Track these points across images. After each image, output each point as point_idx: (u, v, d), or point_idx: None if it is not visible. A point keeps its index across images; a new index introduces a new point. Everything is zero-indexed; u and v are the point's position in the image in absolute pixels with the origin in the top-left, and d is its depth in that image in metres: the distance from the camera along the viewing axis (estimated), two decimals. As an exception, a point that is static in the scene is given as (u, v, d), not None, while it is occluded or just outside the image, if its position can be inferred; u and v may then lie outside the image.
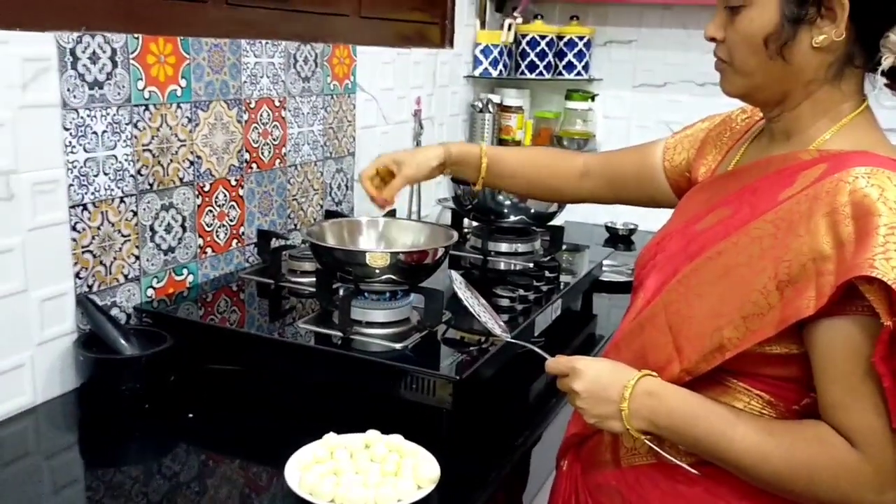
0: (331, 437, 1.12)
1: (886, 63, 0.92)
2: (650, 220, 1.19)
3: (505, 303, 1.53)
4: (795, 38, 0.93)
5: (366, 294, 1.35)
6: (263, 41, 1.67)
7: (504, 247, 1.83)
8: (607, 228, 2.58)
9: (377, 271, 1.31)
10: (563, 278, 1.74)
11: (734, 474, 0.95)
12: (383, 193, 1.36)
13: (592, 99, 2.69)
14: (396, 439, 1.13)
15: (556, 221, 1.93)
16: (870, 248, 0.83)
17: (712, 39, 1.01)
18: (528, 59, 2.63)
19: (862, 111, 0.98)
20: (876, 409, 0.86)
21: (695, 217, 1.08)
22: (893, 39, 0.91)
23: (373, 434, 1.14)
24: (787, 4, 0.93)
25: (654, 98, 2.69)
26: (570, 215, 2.67)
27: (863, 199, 0.85)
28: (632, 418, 0.98)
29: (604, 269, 2.01)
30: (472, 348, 1.33)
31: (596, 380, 1.00)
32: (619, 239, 2.56)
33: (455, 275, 1.29)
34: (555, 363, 1.06)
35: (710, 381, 0.98)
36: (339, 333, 1.30)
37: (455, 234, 1.45)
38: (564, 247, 1.93)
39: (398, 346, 1.27)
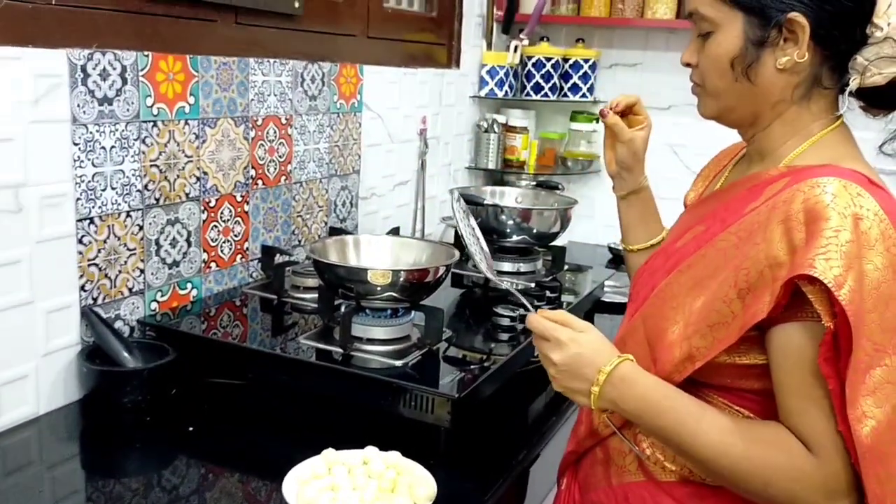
0: (329, 453, 1.13)
1: (854, 84, 0.96)
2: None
3: (506, 322, 1.54)
4: (759, 60, 0.97)
5: (367, 311, 1.36)
6: (271, 60, 1.69)
7: (507, 266, 1.84)
8: (610, 249, 2.59)
9: (378, 288, 1.32)
10: (565, 298, 1.75)
11: (720, 489, 0.97)
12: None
13: (597, 120, 2.71)
14: (394, 456, 1.14)
15: (559, 242, 1.95)
16: (813, 249, 0.85)
17: (687, 65, 1.06)
18: (534, 81, 2.66)
19: (834, 129, 1.00)
20: (826, 415, 0.88)
21: (676, 236, 1.12)
22: (860, 61, 0.94)
23: (371, 450, 1.14)
24: (750, 28, 0.97)
25: (658, 121, 2.65)
26: (574, 236, 2.68)
27: (815, 206, 0.87)
28: (599, 399, 0.99)
29: (606, 289, 2.02)
30: (471, 367, 1.34)
31: (576, 356, 1.00)
32: (621, 260, 2.56)
33: (458, 199, 1.29)
34: (538, 323, 1.04)
35: (693, 396, 0.99)
36: (340, 350, 1.31)
37: (456, 253, 1.46)
38: (567, 267, 1.95)
39: (398, 363, 1.28)
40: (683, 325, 0.98)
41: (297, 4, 1.73)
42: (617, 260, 2.56)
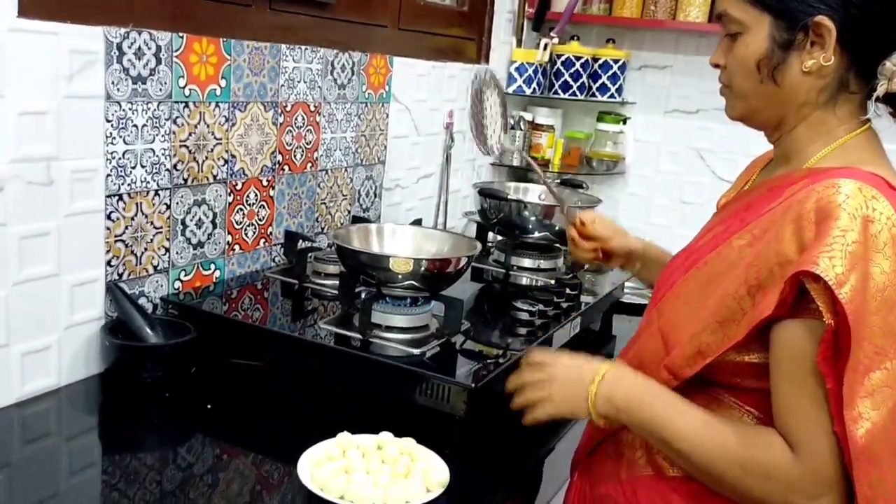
0: (344, 437, 1.14)
1: (881, 90, 0.95)
2: (678, 245, 1.21)
3: (524, 316, 1.54)
4: (786, 62, 0.98)
5: (387, 299, 1.36)
6: (303, 47, 1.70)
7: (527, 262, 1.84)
8: (632, 251, 2.58)
9: (400, 276, 1.33)
10: (584, 297, 1.75)
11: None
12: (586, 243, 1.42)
13: (624, 122, 2.70)
14: (408, 442, 1.14)
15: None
16: (818, 246, 0.86)
17: (716, 66, 1.07)
18: (562, 79, 2.65)
19: (860, 133, 1.00)
20: (815, 413, 0.88)
21: (699, 237, 1.14)
22: (889, 67, 0.94)
23: (386, 436, 1.15)
24: (777, 30, 0.97)
25: (686, 124, 2.70)
26: (596, 236, 2.68)
27: (826, 205, 0.88)
28: (597, 399, 1.03)
29: (626, 290, 2.01)
30: (488, 358, 1.34)
31: (565, 366, 1.07)
32: (642, 262, 2.56)
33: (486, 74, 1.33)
34: (516, 377, 1.13)
35: (703, 395, 1.01)
36: (359, 336, 1.32)
37: (478, 245, 1.47)
38: (587, 266, 1.94)
39: (416, 351, 1.28)
40: (695, 320, 0.99)
41: (330, -7, 1.74)
42: (638, 262, 2.55)
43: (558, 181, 2.48)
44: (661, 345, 1.05)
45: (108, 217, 1.34)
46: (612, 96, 2.69)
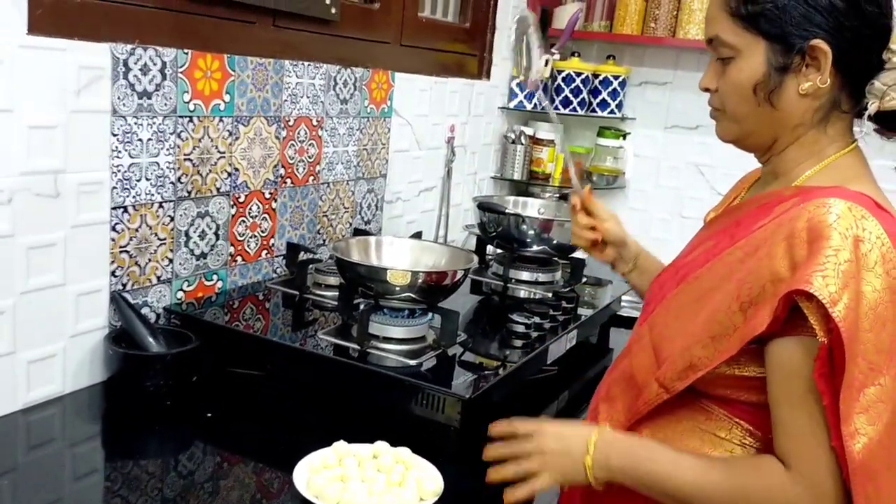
0: (340, 445, 1.16)
1: (872, 108, 0.98)
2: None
3: (520, 329, 1.56)
4: (782, 85, 0.99)
5: (385, 310, 1.39)
6: (306, 63, 1.74)
7: (525, 275, 1.86)
8: (631, 265, 2.60)
9: (397, 288, 1.35)
10: (582, 310, 1.77)
11: None
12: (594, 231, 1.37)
13: (624, 137, 2.73)
14: (404, 452, 1.16)
15: (579, 254, 1.97)
16: (811, 266, 0.88)
17: (706, 90, 1.07)
18: (563, 95, 2.69)
19: (848, 152, 1.02)
20: (812, 429, 0.89)
21: (687, 252, 1.16)
22: (878, 86, 0.97)
23: (381, 445, 1.18)
24: (773, 54, 0.98)
25: (685, 140, 2.72)
26: (596, 250, 2.70)
27: (817, 225, 0.90)
28: (594, 468, 1.01)
29: (623, 304, 2.03)
30: (484, 370, 1.36)
31: (559, 434, 1.05)
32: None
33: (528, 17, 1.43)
34: (506, 425, 1.09)
35: (694, 407, 1.03)
36: (357, 346, 1.34)
37: (475, 258, 1.49)
38: (586, 279, 1.97)
39: (412, 362, 1.31)
40: (685, 335, 1.01)
41: (333, 10, 1.77)
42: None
43: (558, 195, 2.51)
44: (652, 358, 1.06)
45: (113, 228, 1.37)
46: (612, 112, 2.72)
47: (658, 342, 1.06)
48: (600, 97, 2.71)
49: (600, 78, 2.70)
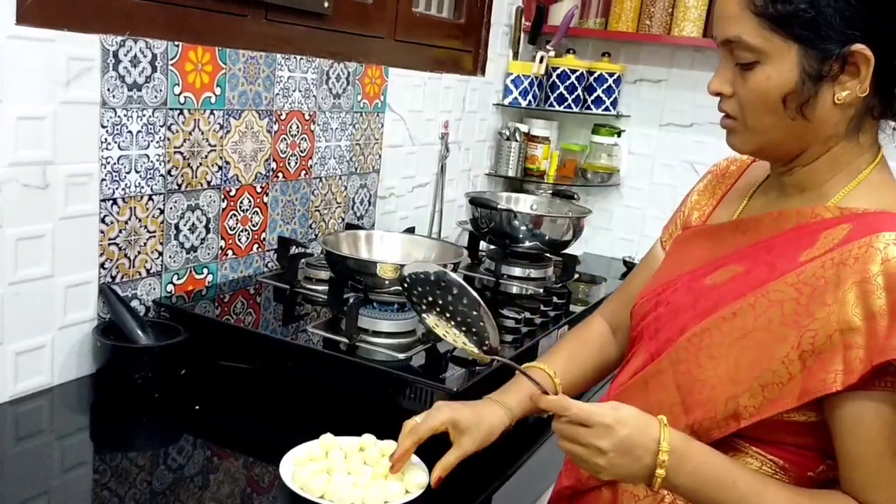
0: (327, 438, 1.16)
1: None
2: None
3: (510, 324, 1.56)
4: (817, 95, 0.89)
5: (375, 304, 1.39)
6: (298, 57, 1.74)
7: (517, 271, 1.87)
8: (625, 262, 2.60)
9: (387, 282, 1.35)
10: (573, 306, 1.77)
11: None
12: (436, 471, 1.08)
13: (619, 135, 2.73)
14: (390, 445, 1.16)
15: (572, 251, 1.97)
16: None
17: (718, 94, 0.96)
18: (558, 92, 2.68)
19: (877, 164, 0.95)
20: None
21: (701, 270, 1.03)
22: None
23: (368, 438, 1.17)
24: (807, 61, 0.88)
25: (680, 137, 2.72)
26: (590, 248, 2.70)
27: None
28: (663, 485, 0.90)
29: (615, 300, 2.03)
30: (474, 366, 1.36)
31: (626, 438, 0.90)
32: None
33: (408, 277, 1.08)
34: (572, 406, 0.92)
35: (724, 441, 0.94)
36: (346, 340, 1.34)
37: (464, 253, 1.50)
38: (578, 276, 1.97)
39: (401, 356, 1.31)
40: (728, 381, 0.91)
41: (326, 4, 1.77)
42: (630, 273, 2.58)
43: (551, 192, 2.51)
44: (677, 399, 0.96)
45: (103, 220, 1.37)
46: (607, 109, 2.72)
47: (686, 382, 0.95)
48: (595, 94, 2.71)
49: (595, 75, 2.69)
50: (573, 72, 2.66)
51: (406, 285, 1.08)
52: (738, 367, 0.91)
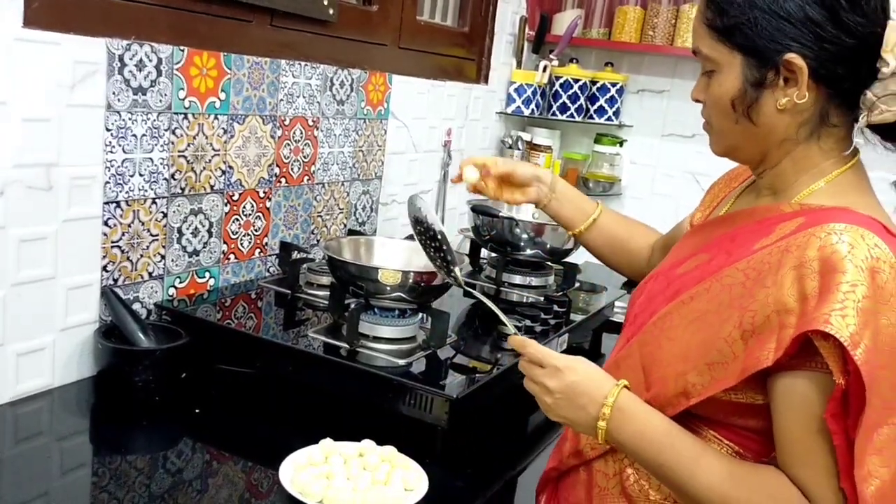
0: (327, 443, 1.17)
1: (862, 121, 0.94)
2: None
3: (511, 331, 1.56)
4: (759, 101, 0.96)
5: (376, 310, 1.39)
6: (303, 63, 1.75)
7: (518, 279, 1.86)
8: (625, 272, 2.61)
9: (388, 288, 1.36)
10: (574, 315, 1.77)
11: None
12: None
13: (621, 144, 2.74)
14: (389, 450, 1.17)
15: (573, 259, 1.97)
16: (828, 303, 0.84)
17: (697, 101, 1.05)
18: (561, 101, 2.69)
19: (849, 168, 0.99)
20: (826, 467, 0.86)
21: (678, 260, 1.11)
22: (869, 97, 0.92)
23: (367, 443, 1.18)
24: (748, 69, 0.95)
25: (682, 148, 2.73)
26: (591, 257, 2.70)
27: (831, 256, 0.86)
28: (606, 437, 0.98)
29: (616, 310, 2.03)
30: (473, 371, 1.36)
31: (573, 384, 1.00)
32: (635, 283, 2.58)
33: (420, 204, 1.31)
34: (534, 348, 1.04)
35: (682, 425, 0.98)
36: (346, 345, 1.34)
37: (465, 260, 1.50)
38: (579, 285, 1.97)
39: (401, 361, 1.31)
40: (681, 359, 0.97)
41: (331, 11, 1.78)
42: (631, 283, 2.58)
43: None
44: (640, 378, 1.02)
45: (106, 223, 1.38)
46: (609, 119, 2.73)
47: (648, 363, 1.02)
48: (598, 104, 2.72)
49: (598, 85, 2.70)
50: (576, 81, 2.67)
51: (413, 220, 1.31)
52: (689, 347, 0.97)
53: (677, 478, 0.95)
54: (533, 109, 2.67)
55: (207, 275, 1.62)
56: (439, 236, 1.24)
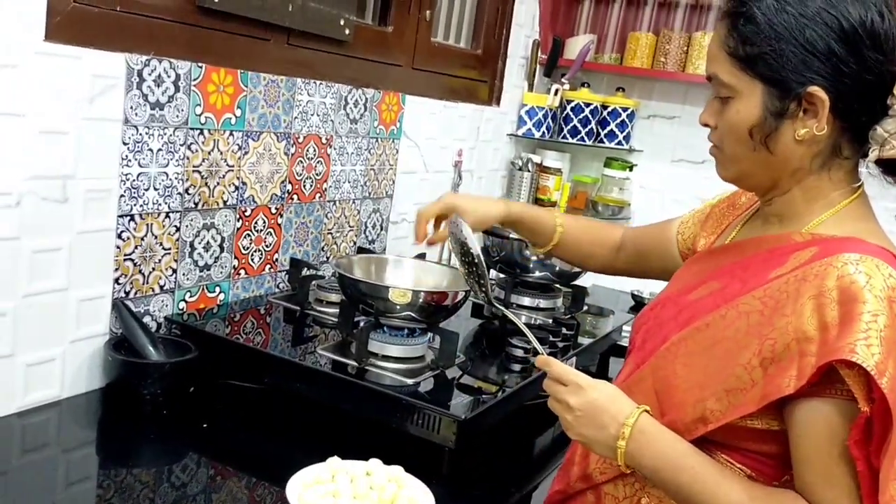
0: (334, 461, 1.16)
1: (873, 155, 0.96)
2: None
3: (519, 353, 1.56)
4: (778, 130, 0.97)
5: (385, 328, 1.39)
6: (318, 82, 1.76)
7: (526, 301, 1.87)
8: (633, 296, 2.60)
9: (398, 307, 1.36)
10: (582, 338, 1.77)
11: None
12: (433, 235, 1.35)
13: (631, 169, 2.75)
14: (397, 470, 1.16)
15: (581, 282, 1.97)
16: (852, 333, 0.85)
17: (706, 125, 1.05)
18: (571, 125, 2.71)
19: (855, 199, 1.00)
20: (849, 493, 0.87)
21: (687, 287, 1.11)
22: (880, 133, 0.95)
23: (375, 462, 1.17)
24: (769, 98, 0.96)
25: (691, 174, 2.74)
26: (599, 280, 2.69)
27: (850, 286, 0.87)
28: (626, 458, 0.98)
29: (624, 334, 2.03)
30: (481, 392, 1.36)
31: (593, 402, 1.00)
32: (641, 306, 2.58)
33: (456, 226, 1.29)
34: (557, 366, 1.05)
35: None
36: (355, 363, 1.34)
37: (477, 281, 1.49)
38: (587, 308, 1.97)
39: (410, 381, 1.31)
40: (697, 386, 0.98)
41: (346, 31, 1.80)
42: (638, 307, 2.58)
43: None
44: (655, 403, 1.03)
45: (119, 236, 1.38)
46: (619, 143, 2.74)
47: (662, 388, 1.02)
48: (608, 128, 2.73)
49: (609, 109, 2.72)
50: (587, 105, 2.68)
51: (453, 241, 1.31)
52: (706, 374, 0.97)
53: (697, 500, 0.95)
54: (544, 132, 2.68)
55: (218, 289, 1.62)
56: (476, 260, 1.25)
